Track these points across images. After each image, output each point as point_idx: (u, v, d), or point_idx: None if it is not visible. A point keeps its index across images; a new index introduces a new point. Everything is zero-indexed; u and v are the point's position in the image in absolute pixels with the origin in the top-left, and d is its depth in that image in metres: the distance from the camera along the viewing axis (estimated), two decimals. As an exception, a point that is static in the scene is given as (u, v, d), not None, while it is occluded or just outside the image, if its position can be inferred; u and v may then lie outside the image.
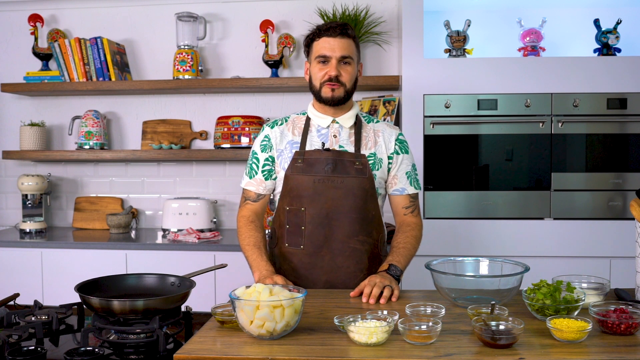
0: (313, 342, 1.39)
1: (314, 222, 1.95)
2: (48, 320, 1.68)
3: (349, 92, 1.97)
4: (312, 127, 2.02)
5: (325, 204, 1.94)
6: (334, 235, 1.94)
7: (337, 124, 2.01)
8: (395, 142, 2.03)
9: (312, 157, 1.96)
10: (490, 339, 1.32)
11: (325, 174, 1.93)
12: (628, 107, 2.86)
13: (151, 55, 3.58)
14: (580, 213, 2.89)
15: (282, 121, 2.07)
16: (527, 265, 1.70)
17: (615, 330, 1.41)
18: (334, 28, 1.92)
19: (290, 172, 1.97)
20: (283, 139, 2.02)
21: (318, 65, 1.95)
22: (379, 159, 2.00)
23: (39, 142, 3.49)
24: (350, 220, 1.95)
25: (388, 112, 3.20)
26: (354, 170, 1.94)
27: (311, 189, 1.94)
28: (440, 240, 2.88)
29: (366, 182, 1.95)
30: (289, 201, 1.98)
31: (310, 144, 2.00)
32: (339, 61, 1.93)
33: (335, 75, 1.92)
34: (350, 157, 1.96)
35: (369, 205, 1.98)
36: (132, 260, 3.03)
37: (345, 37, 1.93)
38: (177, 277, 1.81)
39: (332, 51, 1.92)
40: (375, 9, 3.38)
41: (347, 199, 1.93)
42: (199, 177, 3.58)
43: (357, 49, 1.99)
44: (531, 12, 3.18)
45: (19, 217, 3.60)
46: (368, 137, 2.01)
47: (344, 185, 1.93)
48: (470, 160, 2.93)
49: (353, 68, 1.97)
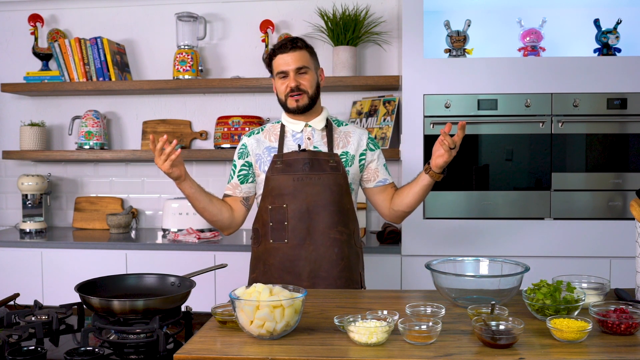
0: (313, 342, 1.39)
1: (295, 217, 2.09)
2: (48, 320, 1.68)
3: (313, 98, 2.14)
4: (287, 133, 2.19)
5: (305, 200, 2.09)
6: (315, 228, 2.09)
7: (309, 128, 2.18)
8: (367, 140, 2.22)
9: (290, 158, 2.12)
10: (490, 339, 1.32)
11: (303, 173, 2.10)
12: (628, 107, 2.86)
13: (151, 55, 3.58)
14: (580, 213, 2.89)
15: (258, 130, 2.25)
16: (527, 265, 1.70)
17: (615, 330, 1.41)
18: (284, 45, 2.10)
19: (270, 174, 2.13)
20: (260, 145, 2.19)
21: (279, 80, 2.13)
22: (351, 156, 2.17)
23: (39, 142, 3.49)
24: (329, 213, 2.10)
25: (388, 112, 3.20)
26: (329, 168, 2.11)
27: (291, 187, 2.10)
28: (440, 240, 2.88)
29: (341, 178, 2.12)
30: (271, 200, 2.12)
31: (287, 147, 2.16)
32: (296, 72, 2.10)
33: (295, 85, 2.09)
34: (325, 156, 2.13)
35: (344, 199, 2.14)
36: (132, 260, 3.03)
37: (297, 50, 2.10)
38: (177, 277, 1.81)
39: (287, 65, 2.09)
40: (375, 9, 3.38)
41: (324, 193, 2.10)
42: (199, 177, 3.57)
43: (312, 57, 2.15)
44: (531, 12, 3.18)
45: (19, 217, 3.60)
46: (339, 138, 2.19)
47: (321, 182, 2.10)
48: (470, 160, 2.93)
49: (311, 75, 2.13)
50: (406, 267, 2.90)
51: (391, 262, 2.89)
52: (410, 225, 2.89)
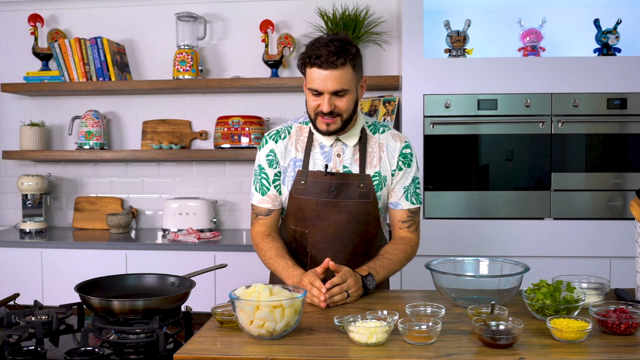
0: (313, 342, 1.39)
1: (317, 246, 1.93)
2: (48, 320, 1.68)
3: (347, 121, 1.85)
4: (315, 143, 1.93)
5: (329, 229, 1.90)
6: (337, 259, 1.85)
7: (340, 142, 1.92)
8: (399, 157, 1.93)
9: (316, 180, 1.89)
10: (490, 339, 1.32)
11: (328, 198, 1.88)
12: (628, 107, 2.86)
13: (151, 55, 3.58)
14: (580, 213, 2.89)
15: (284, 133, 1.96)
16: (527, 265, 1.70)
17: (615, 330, 1.41)
18: (324, 59, 1.73)
19: (294, 193, 1.92)
20: (287, 156, 1.94)
21: (311, 96, 1.82)
22: (384, 177, 1.93)
23: (39, 142, 3.49)
24: (353, 245, 1.93)
25: (388, 112, 3.20)
26: (358, 194, 1.88)
27: (314, 212, 1.90)
28: (440, 240, 2.88)
29: (370, 206, 1.91)
30: (294, 221, 1.96)
31: (314, 162, 1.91)
32: (332, 94, 1.78)
33: (328, 110, 1.79)
34: (355, 179, 1.89)
35: (371, 226, 1.95)
36: (132, 260, 3.03)
37: (337, 68, 1.74)
38: (177, 277, 1.81)
39: (323, 86, 1.76)
40: (375, 9, 3.38)
41: (351, 224, 1.90)
42: (199, 177, 3.58)
43: (354, 72, 1.80)
44: (531, 12, 3.18)
45: (19, 217, 3.60)
46: (373, 153, 1.92)
47: (348, 210, 1.89)
48: (470, 160, 2.93)
49: (350, 97, 1.81)
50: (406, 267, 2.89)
51: (391, 262, 2.89)
52: (410, 225, 2.89)
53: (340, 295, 1.69)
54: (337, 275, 1.72)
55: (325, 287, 1.67)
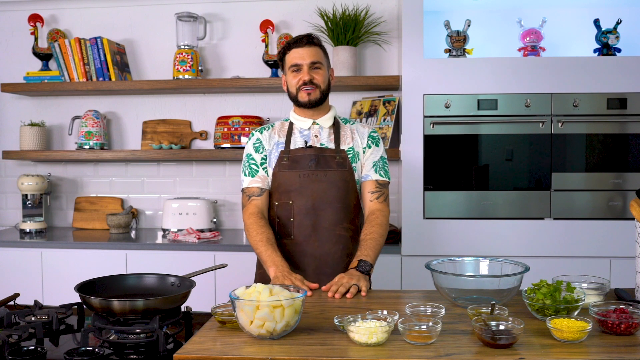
0: (313, 342, 1.39)
1: (301, 213, 2.10)
2: (48, 320, 1.68)
3: (324, 93, 2.15)
4: (295, 130, 2.19)
5: (311, 196, 2.10)
6: (320, 224, 2.09)
7: (317, 125, 2.18)
8: (368, 137, 2.20)
9: (297, 155, 2.13)
10: (490, 339, 1.32)
11: (309, 169, 2.10)
12: (628, 107, 2.86)
13: (151, 55, 3.58)
14: (580, 213, 2.89)
15: (268, 127, 2.23)
16: (527, 265, 1.70)
17: (615, 330, 1.41)
18: (301, 39, 2.12)
19: (277, 170, 2.13)
20: (271, 141, 2.18)
21: (292, 74, 2.14)
22: (357, 153, 2.17)
23: (39, 142, 3.49)
24: (335, 210, 2.10)
25: (388, 112, 3.20)
26: (335, 164, 2.12)
27: (297, 184, 2.10)
28: (440, 240, 2.88)
29: (347, 174, 2.12)
30: (278, 196, 2.14)
31: (294, 143, 2.16)
32: (310, 67, 2.11)
33: (308, 79, 2.10)
34: (331, 152, 2.13)
35: (350, 195, 2.14)
36: (132, 260, 3.03)
37: (312, 45, 2.12)
38: (177, 277, 1.81)
39: (302, 59, 2.11)
40: (375, 9, 3.38)
41: (330, 190, 2.10)
42: (199, 177, 3.58)
43: (325, 55, 2.17)
44: (531, 12, 3.18)
45: (19, 217, 3.60)
46: (346, 135, 2.19)
47: (327, 178, 2.10)
48: (470, 160, 2.93)
49: (324, 72, 2.14)
50: (406, 267, 2.90)
51: (391, 262, 2.89)
52: (410, 225, 2.89)
53: (343, 287, 1.84)
54: (332, 284, 1.88)
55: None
